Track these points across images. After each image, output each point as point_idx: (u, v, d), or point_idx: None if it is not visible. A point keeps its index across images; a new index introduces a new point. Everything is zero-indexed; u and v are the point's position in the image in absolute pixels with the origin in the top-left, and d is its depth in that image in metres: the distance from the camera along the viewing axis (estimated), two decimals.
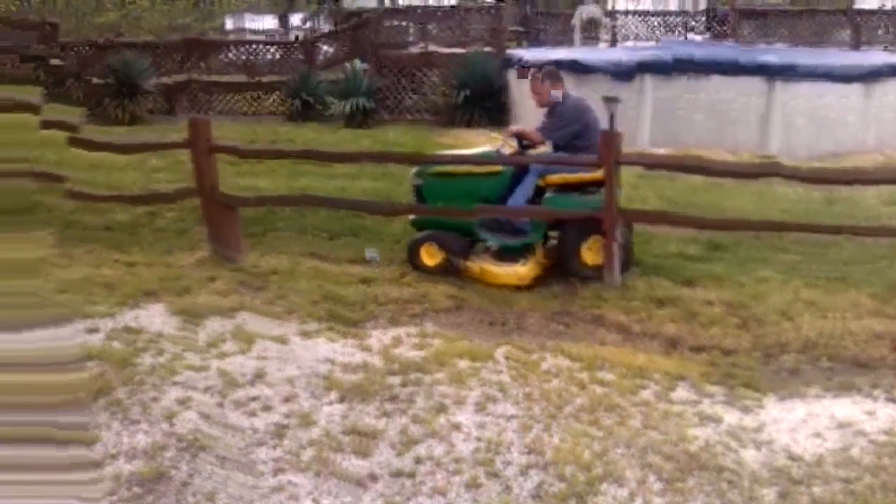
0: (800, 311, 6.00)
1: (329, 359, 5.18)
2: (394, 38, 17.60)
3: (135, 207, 8.88)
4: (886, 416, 4.51)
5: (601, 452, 4.11)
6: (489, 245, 7.03)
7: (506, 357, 5.21)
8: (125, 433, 4.24)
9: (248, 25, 27.60)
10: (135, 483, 3.86)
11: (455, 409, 4.54)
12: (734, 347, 5.53)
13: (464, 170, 6.97)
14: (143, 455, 4.06)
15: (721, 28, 21.23)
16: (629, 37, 22.35)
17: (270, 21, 28.00)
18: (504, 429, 4.35)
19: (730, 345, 5.57)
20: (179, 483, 3.87)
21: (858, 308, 6.06)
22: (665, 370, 5.07)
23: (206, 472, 3.95)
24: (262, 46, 18.63)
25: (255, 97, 17.83)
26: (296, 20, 27.09)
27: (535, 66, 6.96)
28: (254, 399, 4.62)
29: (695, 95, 12.79)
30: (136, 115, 16.34)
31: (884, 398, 4.74)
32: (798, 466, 4.04)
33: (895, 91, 13.15)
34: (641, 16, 23.25)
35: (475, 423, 4.40)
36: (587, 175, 6.66)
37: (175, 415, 4.40)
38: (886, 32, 19.27)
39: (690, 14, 24.61)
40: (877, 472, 3.96)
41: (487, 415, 4.49)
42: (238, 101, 17.87)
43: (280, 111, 17.21)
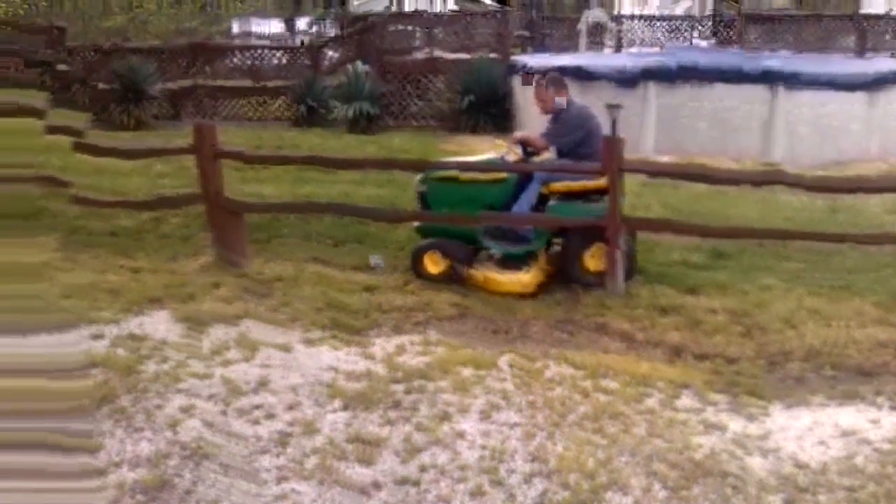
0: (803, 320, 5.99)
1: (333, 367, 5.18)
2: (399, 44, 17.57)
3: (140, 213, 8.88)
4: (890, 425, 4.50)
5: (605, 460, 4.10)
6: (493, 253, 7.02)
7: (509, 365, 5.21)
8: (129, 441, 4.25)
9: (255, 29, 27.61)
10: (138, 491, 3.86)
11: (459, 417, 4.54)
12: (738, 356, 5.52)
13: (468, 177, 6.97)
14: (147, 463, 4.06)
15: (727, 33, 21.19)
16: (635, 41, 22.32)
17: (277, 25, 28.02)
18: (508, 437, 4.35)
19: (734, 353, 5.56)
20: (183, 491, 3.87)
21: (862, 316, 6.05)
22: (669, 378, 5.07)
23: (210, 481, 3.95)
24: (268, 51, 18.52)
25: (261, 102, 17.75)
26: (302, 24, 27.11)
27: (540, 73, 6.96)
28: (257, 407, 4.63)
29: (698, 103, 12.80)
30: (142, 121, 16.29)
31: (888, 406, 4.74)
32: (804, 474, 4.04)
33: None
34: (647, 20, 23.22)
35: (479, 431, 4.40)
36: (591, 183, 6.67)
37: (179, 423, 4.41)
38: (893, 38, 19.17)
39: (697, 19, 24.61)
40: (881, 481, 3.96)
41: (491, 423, 4.49)
42: (243, 107, 17.78)
43: (285, 116, 17.14)
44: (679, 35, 22.71)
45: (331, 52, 18.38)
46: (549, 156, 7.10)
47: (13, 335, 4.26)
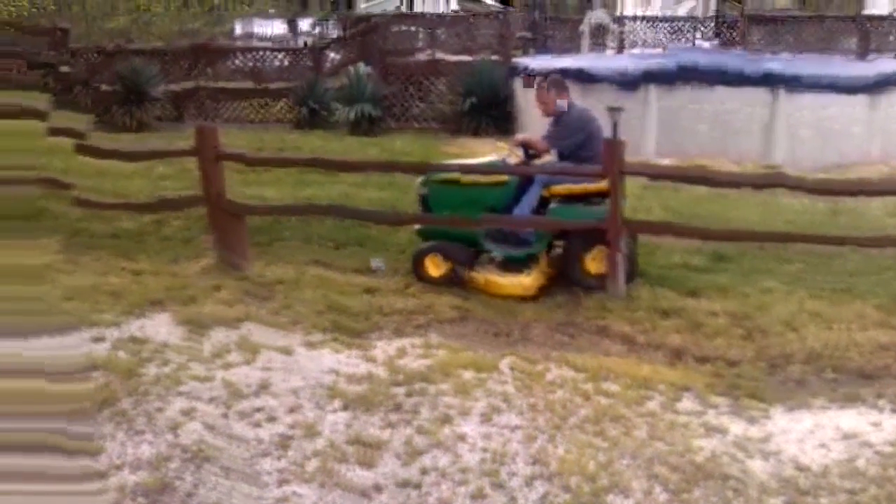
0: (804, 323, 5.99)
1: (334, 369, 5.18)
2: (401, 45, 17.53)
3: (141, 215, 8.90)
4: (892, 428, 4.50)
5: (606, 463, 4.10)
6: (494, 256, 7.02)
7: (510, 368, 5.21)
8: (130, 444, 4.24)
9: (257, 31, 27.59)
10: (139, 494, 3.86)
11: (460, 420, 4.54)
12: (739, 358, 5.52)
13: (469, 179, 6.96)
14: (148, 466, 4.06)
15: (730, 34, 21.15)
16: (637, 43, 22.30)
17: (279, 26, 27.99)
18: (509, 439, 4.35)
19: (735, 356, 5.56)
20: (184, 494, 3.87)
21: (864, 319, 6.04)
22: (670, 381, 5.07)
23: (211, 483, 3.95)
24: (270, 53, 18.47)
25: (263, 104, 17.73)
26: (304, 25, 27.08)
27: (542, 76, 6.96)
28: (258, 410, 4.63)
29: (699, 105, 12.76)
30: (144, 123, 16.28)
31: (889, 409, 4.73)
32: (805, 477, 4.04)
33: None
34: (649, 21, 23.19)
35: (480, 434, 4.40)
36: (591, 185, 6.67)
37: (180, 426, 4.41)
38: None
39: (699, 20, 24.58)
40: (882, 484, 3.96)
41: (492, 425, 4.49)
42: (245, 109, 17.75)
43: (287, 118, 17.11)
44: (682, 36, 22.68)
45: (332, 54, 18.31)
46: (551, 158, 7.11)
47: (14, 338, 4.26)
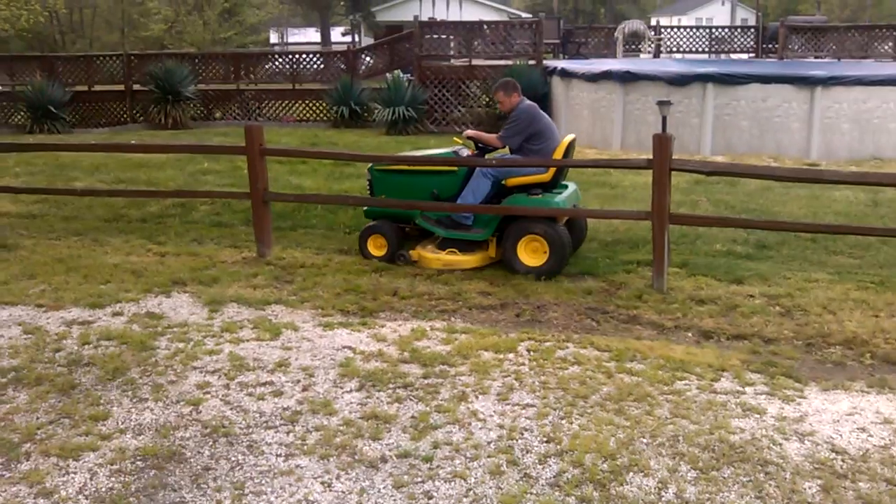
0: (846, 308, 5.74)
1: (350, 347, 5.09)
2: (435, 51, 17.59)
3: (165, 200, 9.24)
4: None
5: (627, 441, 3.90)
6: (436, 236, 7.11)
7: (529, 350, 5.06)
8: (134, 410, 4.13)
9: (292, 39, 27.86)
10: (138, 458, 3.77)
11: (473, 398, 4.38)
12: (776, 336, 5.31)
13: (409, 167, 7.16)
14: (152, 432, 3.98)
15: (771, 45, 20.83)
16: (672, 50, 22.08)
17: (313, 34, 28.22)
18: (518, 415, 4.19)
19: (771, 333, 5.36)
20: (194, 463, 3.76)
21: None
22: (707, 362, 4.85)
23: (221, 454, 3.83)
24: (306, 56, 18.83)
25: (301, 104, 18.23)
26: (336, 35, 27.30)
27: (503, 82, 7.17)
28: (264, 384, 4.57)
29: (744, 103, 12.92)
30: (178, 121, 16.96)
31: None
32: (843, 460, 3.79)
33: None
34: (686, 29, 22.93)
35: (496, 412, 4.23)
36: (539, 176, 6.80)
37: (200, 402, 4.36)
38: None
39: (738, 29, 24.21)
40: None
41: (507, 404, 4.33)
42: (283, 108, 18.31)
43: (325, 118, 17.56)
44: (719, 45, 22.39)
45: (368, 59, 18.61)
46: (505, 151, 7.20)
47: None
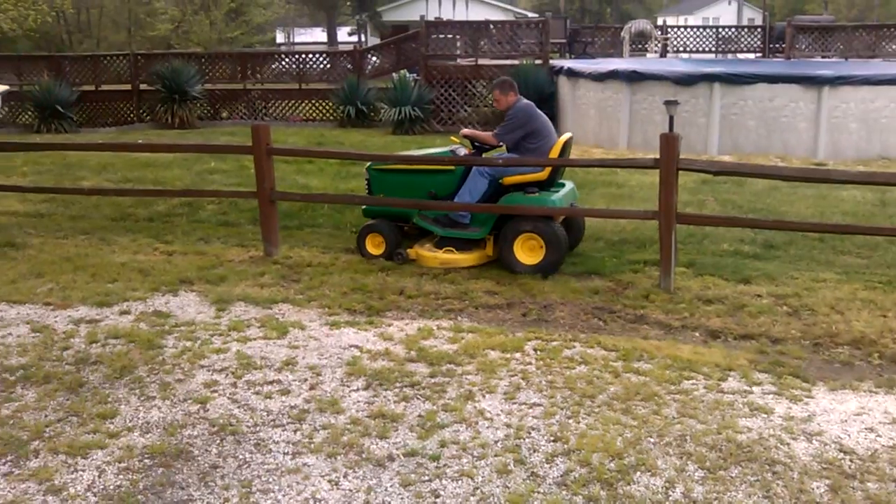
0: (854, 308, 5.72)
1: (357, 346, 5.09)
2: (441, 51, 17.59)
3: (172, 199, 9.24)
4: None
5: (634, 441, 3.89)
6: (435, 234, 7.12)
7: (535, 349, 5.05)
8: (142, 408, 4.13)
9: (298, 39, 27.86)
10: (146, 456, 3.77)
11: (480, 397, 4.37)
12: (783, 336, 5.29)
13: (407, 167, 7.16)
14: (159, 430, 3.97)
15: (778, 45, 20.77)
16: (679, 49, 22.03)
17: (320, 34, 28.21)
18: (525, 414, 4.19)
19: (778, 333, 5.34)
20: (202, 461, 3.76)
21: None
22: (714, 362, 4.84)
23: (228, 452, 3.82)
24: (313, 56, 18.81)
25: (307, 104, 18.23)
26: (342, 35, 27.27)
27: (500, 81, 7.21)
28: (271, 383, 4.57)
29: (751, 103, 12.90)
30: (185, 120, 16.98)
31: None
32: (851, 460, 3.78)
33: None
34: (693, 29, 22.87)
35: (503, 411, 4.23)
36: (534, 175, 6.81)
37: (208, 400, 4.36)
38: None
39: (745, 28, 24.13)
40: None
41: (514, 403, 4.32)
42: (290, 107, 18.32)
43: (331, 118, 17.58)
44: (726, 44, 22.33)
45: (374, 58, 18.59)
46: (502, 150, 7.20)
47: None
